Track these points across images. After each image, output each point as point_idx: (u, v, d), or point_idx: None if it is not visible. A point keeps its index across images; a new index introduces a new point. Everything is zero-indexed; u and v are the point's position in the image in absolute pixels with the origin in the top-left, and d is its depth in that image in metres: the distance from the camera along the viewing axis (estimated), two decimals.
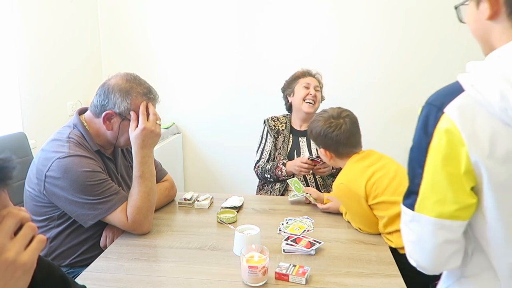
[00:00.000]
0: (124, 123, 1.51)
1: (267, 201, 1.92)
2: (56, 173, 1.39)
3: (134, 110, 1.49)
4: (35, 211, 1.48)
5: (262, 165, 2.21)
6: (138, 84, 1.52)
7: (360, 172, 1.51)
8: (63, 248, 1.49)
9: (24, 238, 0.62)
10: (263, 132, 2.30)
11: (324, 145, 1.63)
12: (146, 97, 1.52)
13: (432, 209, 0.78)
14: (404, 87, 2.95)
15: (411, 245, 0.84)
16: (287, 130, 2.27)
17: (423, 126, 0.78)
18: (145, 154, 1.51)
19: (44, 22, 2.59)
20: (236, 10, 3.03)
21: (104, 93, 1.49)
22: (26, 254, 0.62)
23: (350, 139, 1.59)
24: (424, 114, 0.79)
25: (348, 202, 1.53)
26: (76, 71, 2.90)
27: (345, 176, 1.55)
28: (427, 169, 0.78)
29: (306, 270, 1.19)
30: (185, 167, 3.34)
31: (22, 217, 0.63)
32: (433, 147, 0.77)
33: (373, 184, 1.47)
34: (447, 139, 0.74)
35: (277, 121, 2.30)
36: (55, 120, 2.57)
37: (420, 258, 0.83)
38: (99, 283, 1.20)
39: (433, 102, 0.79)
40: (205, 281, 1.20)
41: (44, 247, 0.66)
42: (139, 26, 3.15)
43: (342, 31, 2.95)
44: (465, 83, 0.76)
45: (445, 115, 0.75)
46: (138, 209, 1.46)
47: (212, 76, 3.15)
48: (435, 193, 0.78)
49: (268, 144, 2.25)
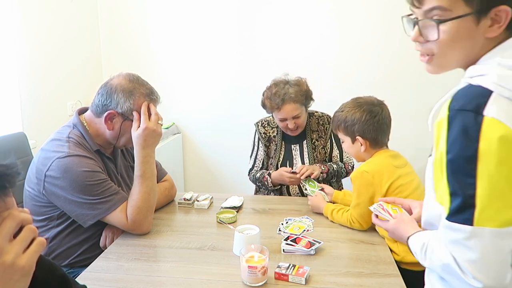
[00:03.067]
0: (125, 124, 1.51)
1: (267, 201, 1.92)
2: (55, 172, 1.39)
3: (137, 110, 1.50)
4: (34, 211, 1.47)
5: (254, 173, 2.17)
6: (141, 84, 1.53)
7: (389, 170, 1.49)
8: (63, 248, 1.49)
9: (23, 241, 0.62)
10: (255, 137, 2.20)
11: (362, 132, 1.54)
12: (149, 98, 1.53)
13: (495, 219, 0.73)
14: (404, 87, 2.95)
15: (473, 265, 0.75)
16: (279, 136, 2.14)
17: (464, 134, 0.74)
18: (147, 154, 1.51)
19: (44, 22, 2.59)
20: (236, 10, 3.02)
21: (107, 93, 1.49)
22: (25, 257, 0.61)
23: (389, 128, 1.57)
24: (459, 121, 0.76)
25: (363, 191, 1.50)
26: (76, 71, 2.90)
27: (372, 167, 1.51)
28: (481, 177, 0.73)
29: (305, 270, 1.19)
30: (185, 167, 3.34)
31: (22, 219, 0.63)
32: (483, 153, 0.73)
33: (396, 188, 1.46)
34: (500, 141, 0.72)
35: (267, 127, 2.16)
36: (55, 120, 2.57)
37: (488, 276, 0.75)
38: (99, 283, 1.20)
39: (464, 107, 0.76)
40: (205, 281, 1.20)
41: (43, 249, 0.65)
42: (139, 26, 3.15)
43: (342, 31, 2.95)
44: (490, 84, 0.76)
45: (489, 118, 0.73)
46: (138, 209, 1.46)
47: (212, 76, 3.15)
48: (496, 199, 0.73)
49: (260, 152, 2.16)
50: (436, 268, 0.86)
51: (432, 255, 0.86)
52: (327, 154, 2.14)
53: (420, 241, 0.93)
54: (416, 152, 2.27)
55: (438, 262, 0.83)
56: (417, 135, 2.98)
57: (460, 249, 0.78)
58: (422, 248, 0.90)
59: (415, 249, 0.95)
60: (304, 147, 2.12)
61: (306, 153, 2.12)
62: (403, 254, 1.40)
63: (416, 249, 0.94)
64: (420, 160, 1.86)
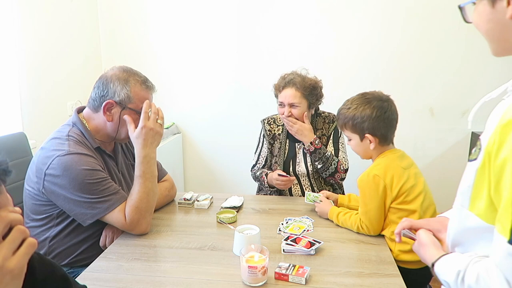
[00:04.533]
0: (124, 112, 1.51)
1: (267, 201, 1.92)
2: (55, 171, 1.39)
3: (134, 97, 1.50)
4: (34, 210, 1.48)
5: (255, 170, 2.18)
6: (135, 73, 1.55)
7: (398, 172, 1.45)
8: (63, 247, 1.49)
9: (12, 243, 0.60)
10: (260, 134, 2.22)
11: (372, 129, 1.48)
12: (145, 85, 1.54)
13: None
14: (403, 87, 2.94)
15: None
16: (283, 134, 2.14)
17: None
18: (146, 154, 1.50)
19: (44, 22, 2.59)
20: (235, 10, 3.02)
21: (103, 84, 1.50)
22: (14, 259, 0.59)
23: (396, 124, 1.52)
24: None
25: (374, 196, 1.45)
26: (76, 71, 2.90)
27: (382, 170, 1.45)
28: None
29: (305, 270, 1.19)
30: (185, 167, 3.34)
31: (11, 219, 0.60)
32: None
33: (406, 189, 1.44)
34: None
35: (273, 124, 2.18)
36: (55, 120, 2.57)
37: None
38: (99, 283, 1.20)
39: None
40: (205, 281, 1.20)
41: (34, 251, 0.63)
42: (139, 26, 3.15)
43: (341, 30, 2.95)
44: None
45: None
46: (137, 209, 1.46)
47: (212, 76, 3.15)
48: None
49: (264, 150, 2.18)
50: None
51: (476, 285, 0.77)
52: None
53: (453, 268, 0.83)
54: (414, 152, 2.28)
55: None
56: (416, 135, 2.99)
57: None
58: (457, 276, 0.81)
59: (447, 278, 0.85)
60: None
61: None
62: (396, 253, 1.41)
63: (449, 277, 0.84)
64: (419, 160, 1.87)
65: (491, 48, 0.85)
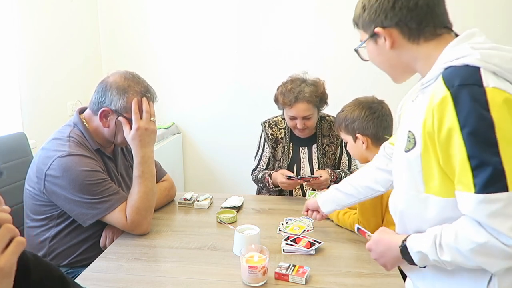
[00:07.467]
0: (119, 118, 1.51)
1: (267, 201, 1.92)
2: (56, 171, 1.39)
3: (130, 108, 1.48)
4: (34, 210, 1.48)
5: (256, 174, 2.14)
6: (136, 83, 1.52)
7: None
8: (63, 247, 1.49)
9: (0, 241, 0.59)
10: (261, 137, 2.14)
11: (362, 129, 1.53)
12: (144, 96, 1.52)
13: None
14: (404, 87, 2.94)
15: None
16: (286, 138, 2.08)
17: (476, 104, 0.77)
18: (144, 154, 1.50)
19: (44, 22, 2.59)
20: (235, 10, 3.03)
21: (102, 90, 1.49)
22: (3, 258, 0.58)
23: (390, 125, 1.56)
24: (466, 95, 0.78)
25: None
26: (76, 71, 2.90)
27: None
28: (502, 141, 0.76)
29: (305, 270, 1.19)
30: (185, 167, 3.34)
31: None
32: (499, 120, 0.76)
33: None
34: (506, 104, 0.77)
35: (275, 127, 2.10)
36: (55, 120, 2.57)
37: None
38: (99, 283, 1.20)
39: (465, 82, 0.79)
40: (205, 281, 1.20)
41: (23, 249, 0.62)
42: (139, 26, 3.15)
43: (341, 30, 2.94)
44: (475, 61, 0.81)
45: (491, 88, 0.78)
46: (137, 209, 1.46)
47: (212, 76, 3.15)
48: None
49: (266, 153, 2.11)
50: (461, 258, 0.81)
51: (455, 243, 0.81)
52: (336, 161, 2.10)
53: (428, 235, 0.86)
54: None
55: (468, 246, 0.80)
56: None
57: (500, 219, 0.76)
58: (434, 241, 0.84)
59: (422, 247, 0.87)
60: (314, 150, 2.08)
61: (315, 157, 2.07)
62: None
63: (425, 245, 0.86)
64: None
65: (390, 77, 1.06)
